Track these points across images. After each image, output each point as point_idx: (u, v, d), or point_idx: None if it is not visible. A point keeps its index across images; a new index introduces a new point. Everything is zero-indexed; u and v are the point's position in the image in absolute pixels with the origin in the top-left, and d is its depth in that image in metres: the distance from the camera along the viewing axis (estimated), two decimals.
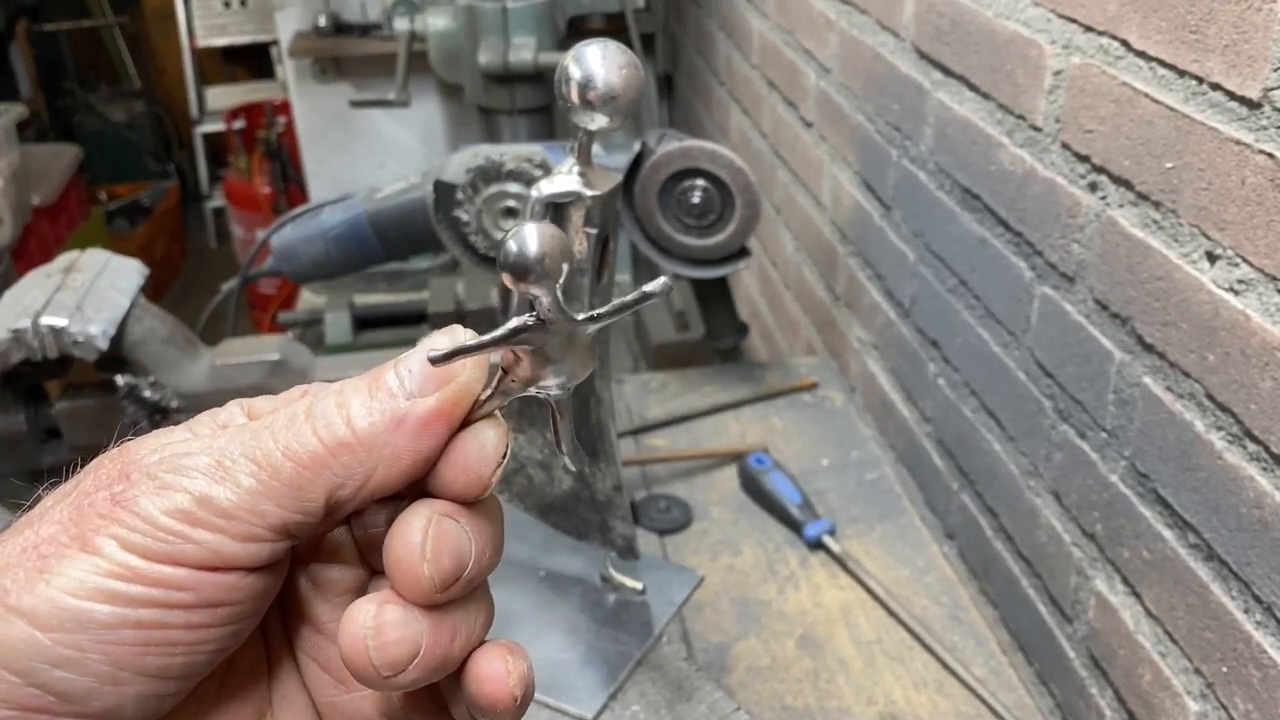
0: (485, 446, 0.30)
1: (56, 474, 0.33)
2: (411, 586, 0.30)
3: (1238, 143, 0.64)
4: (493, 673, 0.30)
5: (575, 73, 0.62)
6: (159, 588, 0.28)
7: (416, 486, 0.31)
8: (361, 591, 0.33)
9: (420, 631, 0.30)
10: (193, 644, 0.29)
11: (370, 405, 0.30)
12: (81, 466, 0.31)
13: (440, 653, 0.30)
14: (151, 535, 0.28)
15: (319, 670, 0.34)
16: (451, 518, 0.30)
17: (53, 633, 0.27)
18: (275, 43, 3.76)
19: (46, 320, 1.01)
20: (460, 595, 0.31)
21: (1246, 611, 0.66)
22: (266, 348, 1.16)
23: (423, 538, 0.30)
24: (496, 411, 0.32)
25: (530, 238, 0.31)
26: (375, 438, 0.30)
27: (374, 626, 0.29)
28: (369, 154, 2.82)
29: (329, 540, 0.33)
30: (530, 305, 0.31)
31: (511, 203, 1.11)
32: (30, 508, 0.31)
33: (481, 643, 0.32)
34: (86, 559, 0.28)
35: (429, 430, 0.30)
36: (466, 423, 0.31)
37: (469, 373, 0.30)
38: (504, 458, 0.31)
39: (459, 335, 0.31)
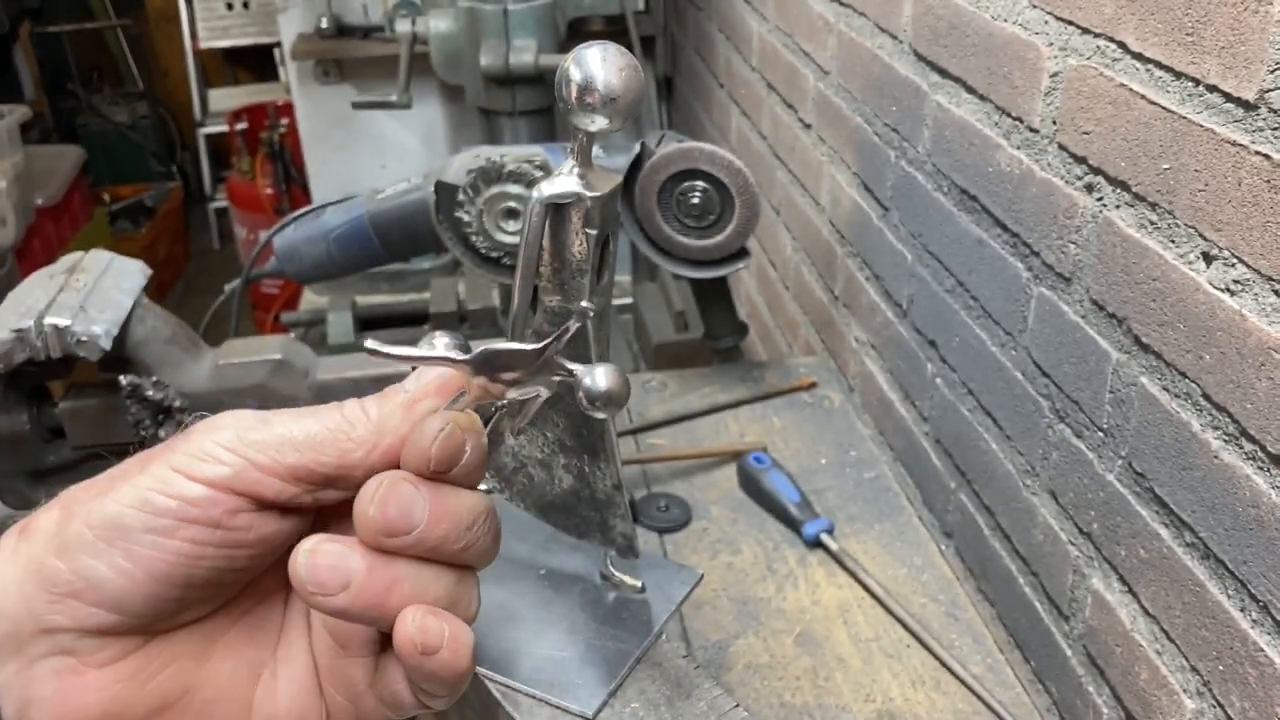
0: (426, 428, 0.36)
1: (59, 473, 0.38)
2: (360, 524, 0.35)
3: (1234, 144, 0.64)
4: (402, 621, 0.34)
5: (576, 75, 0.63)
6: (179, 500, 0.34)
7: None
8: None
9: (354, 568, 0.35)
10: (194, 558, 0.35)
11: (381, 402, 0.38)
12: (83, 467, 0.38)
13: (371, 595, 0.34)
14: (193, 455, 0.35)
15: (325, 634, 0.38)
16: (409, 481, 0.36)
17: (94, 529, 0.34)
18: (278, 44, 3.77)
19: (50, 320, 1.02)
20: (408, 551, 0.35)
21: (1243, 610, 0.67)
22: (269, 348, 1.17)
23: (376, 487, 0.35)
24: (470, 410, 0.39)
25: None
26: (384, 420, 0.37)
27: (311, 549, 0.35)
28: (371, 155, 2.83)
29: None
30: (462, 347, 0.41)
31: (512, 204, 1.11)
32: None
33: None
34: (140, 477, 0.35)
35: (413, 413, 0.37)
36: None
37: (431, 375, 0.39)
38: (440, 435, 0.36)
39: (437, 342, 0.41)
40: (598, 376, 0.43)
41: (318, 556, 0.34)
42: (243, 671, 0.38)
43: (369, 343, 0.39)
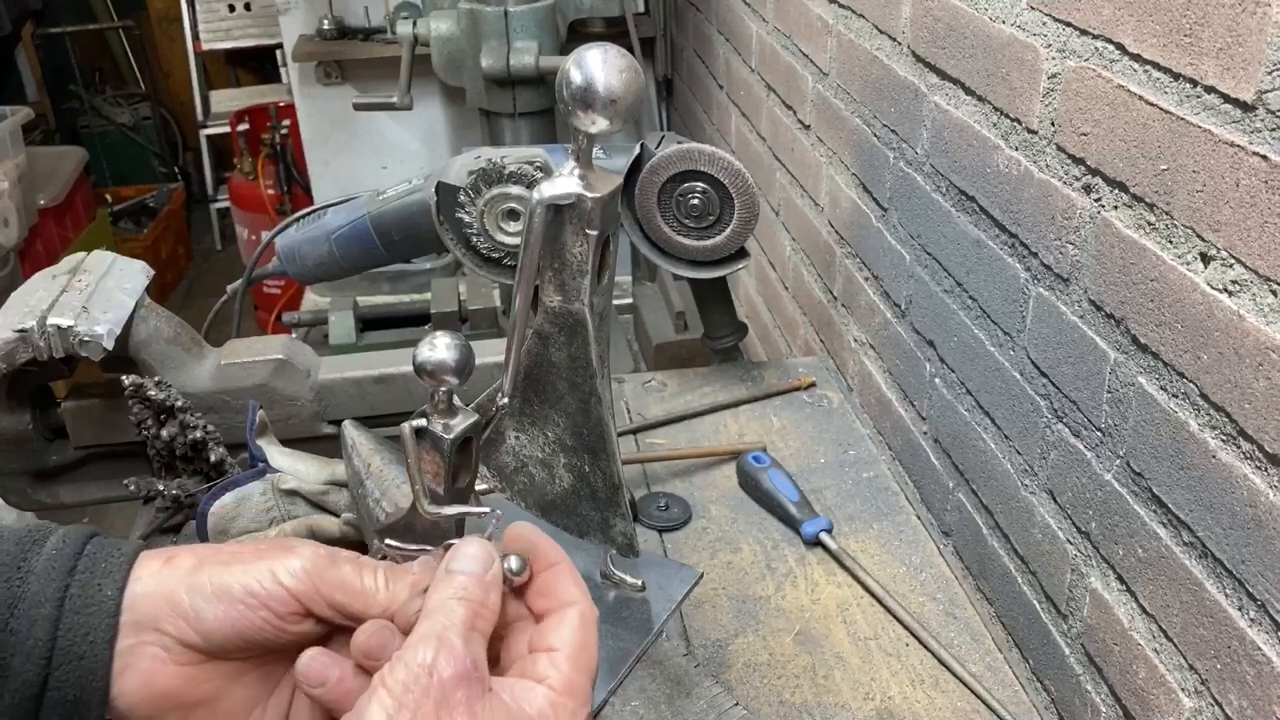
0: (408, 610, 0.53)
1: (62, 473, 0.40)
2: (354, 646, 0.52)
3: (1232, 145, 0.64)
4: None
5: (576, 76, 0.63)
6: (268, 594, 0.52)
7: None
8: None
9: (331, 675, 0.51)
10: (259, 628, 0.52)
11: (396, 578, 0.54)
12: (85, 466, 0.47)
13: (335, 696, 0.52)
14: (285, 568, 0.53)
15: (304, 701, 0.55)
16: (389, 630, 0.52)
17: (213, 586, 0.52)
18: (279, 46, 3.78)
19: (53, 320, 1.02)
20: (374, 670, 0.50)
21: (1240, 609, 0.67)
22: (271, 348, 1.17)
23: (369, 629, 0.52)
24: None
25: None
26: (395, 594, 0.54)
27: (310, 656, 0.52)
28: (372, 156, 2.83)
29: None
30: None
31: (513, 204, 1.11)
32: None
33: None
34: (251, 565, 0.52)
35: (415, 590, 0.54)
36: None
37: (430, 561, 0.56)
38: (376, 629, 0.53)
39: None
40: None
41: (312, 661, 0.51)
42: (250, 699, 0.55)
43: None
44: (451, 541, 0.54)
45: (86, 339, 1.02)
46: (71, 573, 0.51)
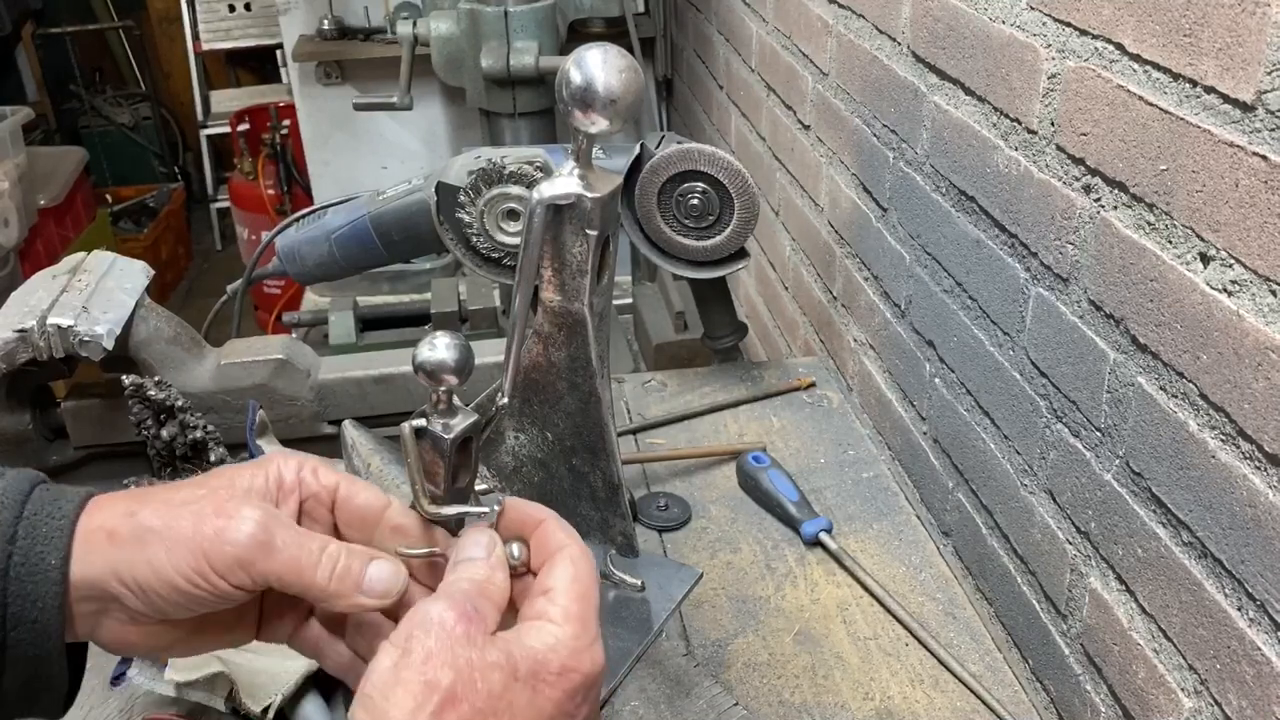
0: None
1: (62, 473, 0.41)
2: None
3: (1231, 145, 0.64)
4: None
5: (576, 77, 0.63)
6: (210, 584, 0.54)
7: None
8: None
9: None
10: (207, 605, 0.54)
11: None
12: (85, 467, 0.47)
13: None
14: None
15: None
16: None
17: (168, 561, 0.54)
18: (279, 46, 3.78)
19: (53, 320, 1.02)
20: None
21: (1240, 609, 0.67)
22: (271, 348, 1.17)
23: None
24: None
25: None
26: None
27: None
28: (372, 156, 2.83)
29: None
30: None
31: (513, 204, 1.12)
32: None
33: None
34: (175, 555, 0.54)
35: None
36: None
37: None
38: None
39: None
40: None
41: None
42: (228, 617, 0.57)
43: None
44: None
45: (86, 339, 1.02)
46: (12, 540, 0.52)
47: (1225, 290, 0.66)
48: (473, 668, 0.48)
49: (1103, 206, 0.79)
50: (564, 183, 0.68)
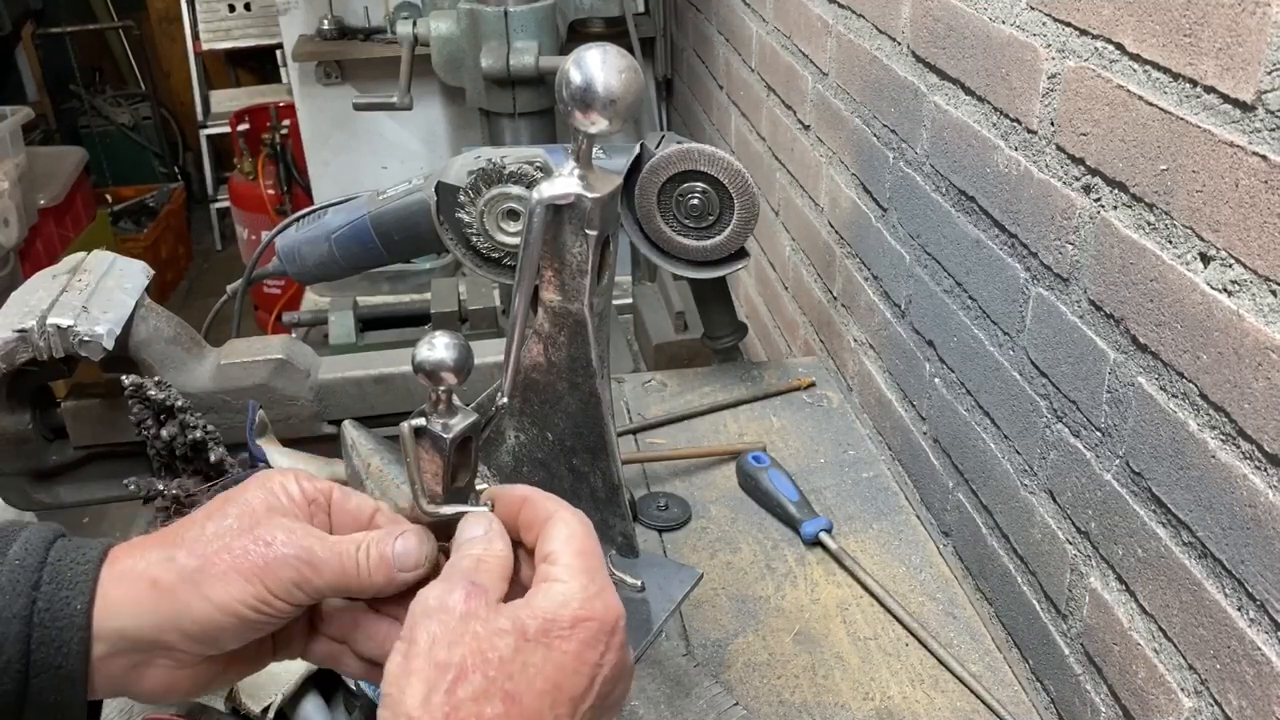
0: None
1: (62, 473, 0.41)
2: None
3: (1231, 145, 0.64)
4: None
5: (576, 77, 0.63)
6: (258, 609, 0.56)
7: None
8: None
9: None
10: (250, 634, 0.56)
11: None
12: (85, 467, 0.48)
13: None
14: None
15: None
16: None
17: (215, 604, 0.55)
18: (279, 46, 3.78)
19: (53, 320, 1.02)
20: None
21: (1240, 609, 0.67)
22: (271, 348, 1.17)
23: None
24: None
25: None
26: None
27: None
28: (372, 156, 2.83)
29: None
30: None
31: (513, 204, 1.11)
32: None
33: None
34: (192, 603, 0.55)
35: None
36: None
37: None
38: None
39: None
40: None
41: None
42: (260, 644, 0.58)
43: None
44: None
45: (86, 339, 1.02)
46: (36, 586, 0.52)
47: (1225, 290, 0.66)
48: (479, 639, 0.48)
49: (1103, 206, 0.79)
50: (564, 183, 0.68)
